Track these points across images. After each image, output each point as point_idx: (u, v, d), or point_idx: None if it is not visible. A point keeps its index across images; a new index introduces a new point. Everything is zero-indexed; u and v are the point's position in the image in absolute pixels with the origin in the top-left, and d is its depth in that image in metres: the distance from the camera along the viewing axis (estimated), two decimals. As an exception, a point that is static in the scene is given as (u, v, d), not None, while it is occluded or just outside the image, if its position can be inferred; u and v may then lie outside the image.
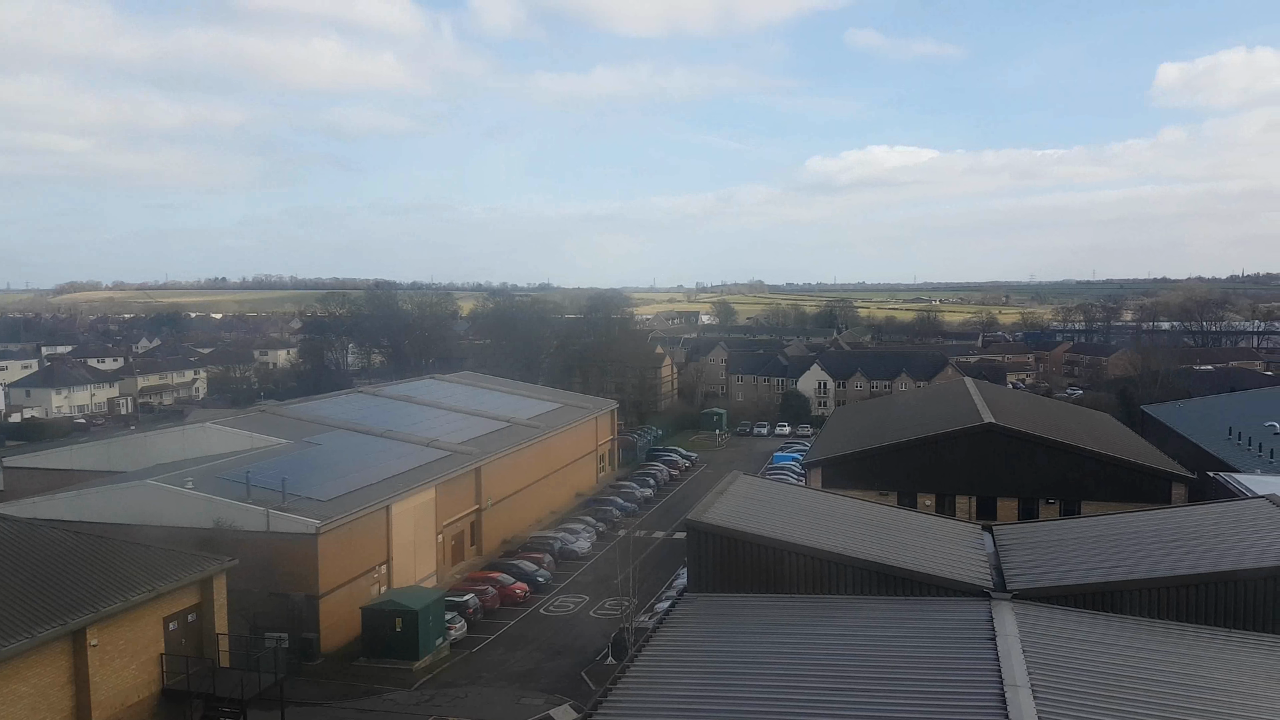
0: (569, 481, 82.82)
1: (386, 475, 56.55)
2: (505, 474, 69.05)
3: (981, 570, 26.91)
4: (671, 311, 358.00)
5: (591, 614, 53.76)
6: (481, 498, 65.57)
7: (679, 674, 22.12)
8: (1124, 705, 18.06)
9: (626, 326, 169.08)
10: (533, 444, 74.56)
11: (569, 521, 71.90)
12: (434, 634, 46.82)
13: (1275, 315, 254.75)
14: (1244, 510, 30.15)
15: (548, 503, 77.18)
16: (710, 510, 29.62)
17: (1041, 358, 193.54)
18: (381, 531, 52.72)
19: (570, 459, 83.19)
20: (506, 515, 69.23)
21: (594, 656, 46.94)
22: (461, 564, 62.72)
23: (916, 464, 54.61)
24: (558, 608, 55.12)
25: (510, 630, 51.34)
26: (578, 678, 44.43)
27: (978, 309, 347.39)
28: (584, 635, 50.23)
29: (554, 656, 47.41)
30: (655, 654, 23.56)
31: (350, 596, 48.98)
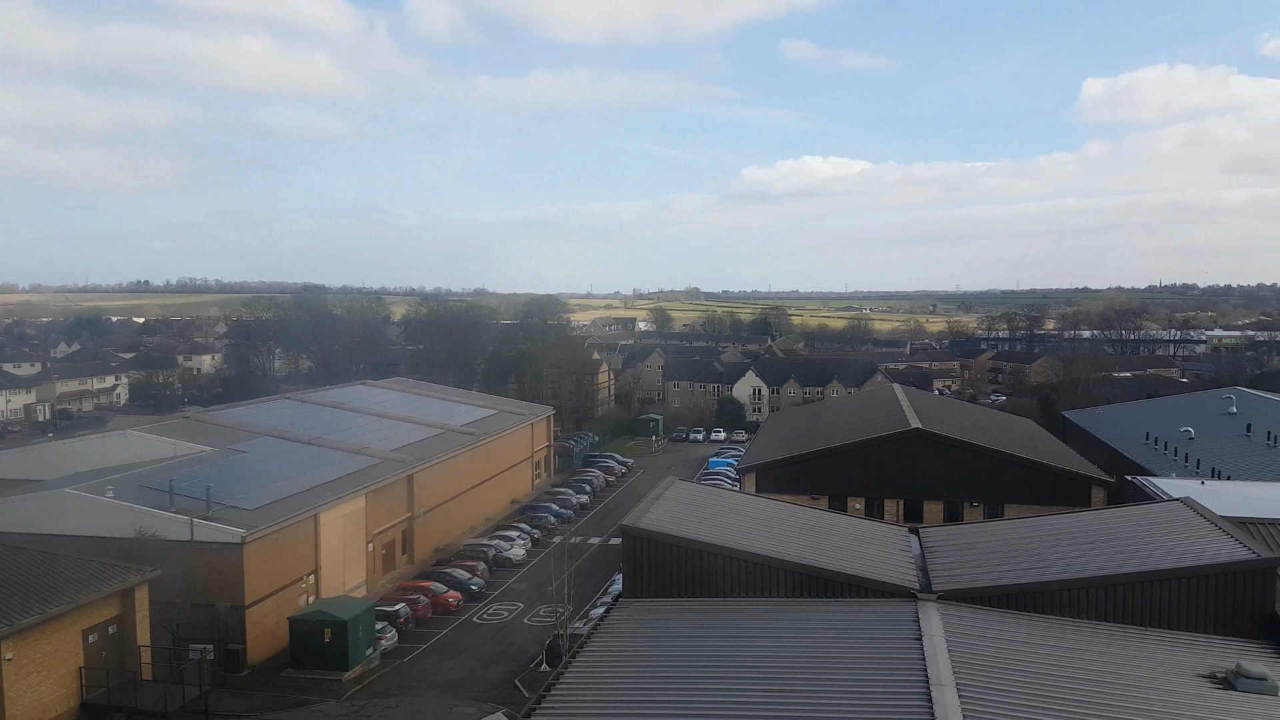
0: (504, 488, 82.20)
1: (315, 483, 55.48)
2: (438, 481, 68.22)
3: (908, 572, 27.44)
4: (608, 318, 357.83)
5: (526, 621, 53.43)
6: (413, 506, 64.68)
7: (613, 679, 22.10)
8: (1045, 702, 18.57)
9: (563, 332, 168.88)
10: (467, 451, 73.84)
11: (504, 529, 71.37)
12: (364, 644, 46.04)
13: (1192, 324, 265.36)
14: (1161, 513, 31.26)
15: (482, 510, 76.49)
16: (646, 516, 29.68)
17: (967, 365, 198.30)
18: (309, 540, 51.69)
19: (505, 465, 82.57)
20: (440, 523, 68.40)
21: (528, 664, 46.65)
22: (393, 573, 61.76)
23: (847, 468, 55.54)
24: (492, 616, 54.64)
25: (443, 639, 50.71)
26: (511, 686, 44.10)
27: (906, 318, 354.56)
28: (518, 643, 49.89)
29: (487, 665, 46.97)
30: (589, 659, 23.50)
31: (278, 607, 47.94)
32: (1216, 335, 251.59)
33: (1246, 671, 20.37)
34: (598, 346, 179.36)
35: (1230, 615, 24.39)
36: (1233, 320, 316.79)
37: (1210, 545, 26.27)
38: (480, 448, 76.41)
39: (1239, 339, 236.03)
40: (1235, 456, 57.53)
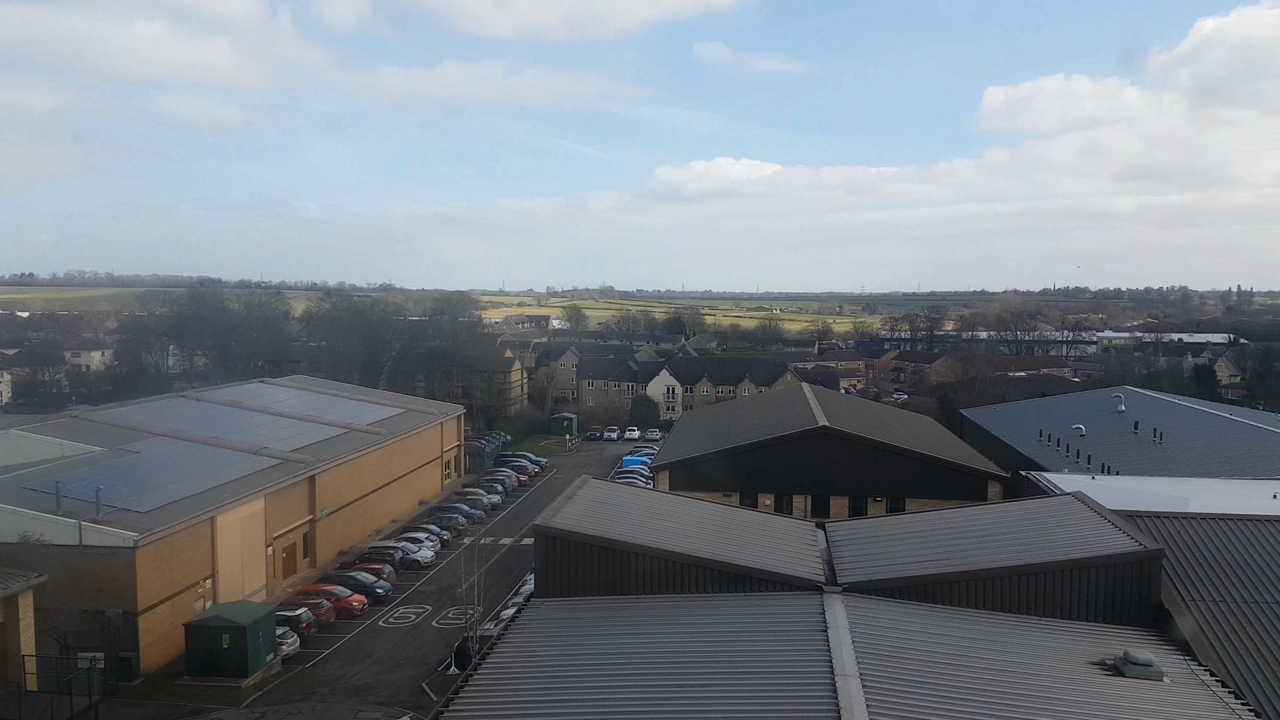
0: (412, 489, 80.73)
1: (211, 485, 53.57)
2: (342, 482, 66.62)
3: (815, 565, 27.90)
4: (521, 315, 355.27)
5: (434, 624, 52.56)
6: (315, 507, 63.01)
7: (524, 680, 21.84)
8: (946, 690, 19.08)
9: (474, 330, 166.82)
10: (372, 451, 72.26)
11: (411, 530, 70.12)
12: (264, 650, 44.65)
13: (1083, 326, 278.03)
14: (1053, 507, 32.49)
15: (389, 511, 75.00)
16: (559, 515, 29.48)
17: (871, 364, 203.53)
18: (206, 544, 49.89)
19: (413, 466, 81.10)
20: (343, 525, 66.81)
21: (436, 667, 45.92)
22: (294, 577, 60.08)
23: (758, 465, 56.35)
24: (398, 619, 53.58)
25: (347, 644, 49.49)
26: (419, 689, 43.32)
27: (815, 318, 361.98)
28: (426, 646, 49.05)
29: (394, 669, 46.03)
30: (500, 661, 23.18)
31: (173, 612, 46.18)
32: (1106, 337, 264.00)
33: (1134, 658, 21.28)
34: (510, 344, 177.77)
35: (1119, 604, 25.48)
36: (1122, 322, 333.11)
37: (1100, 537, 27.40)
38: (386, 447, 74.87)
39: (1128, 340, 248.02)
40: (1123, 453, 60.34)
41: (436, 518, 74.48)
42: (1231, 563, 27.93)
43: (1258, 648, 23.92)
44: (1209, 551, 28.67)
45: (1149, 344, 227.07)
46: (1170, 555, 27.61)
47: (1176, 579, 26.96)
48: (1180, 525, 30.38)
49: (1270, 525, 30.25)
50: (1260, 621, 25.00)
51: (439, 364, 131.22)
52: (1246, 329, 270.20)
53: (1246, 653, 23.76)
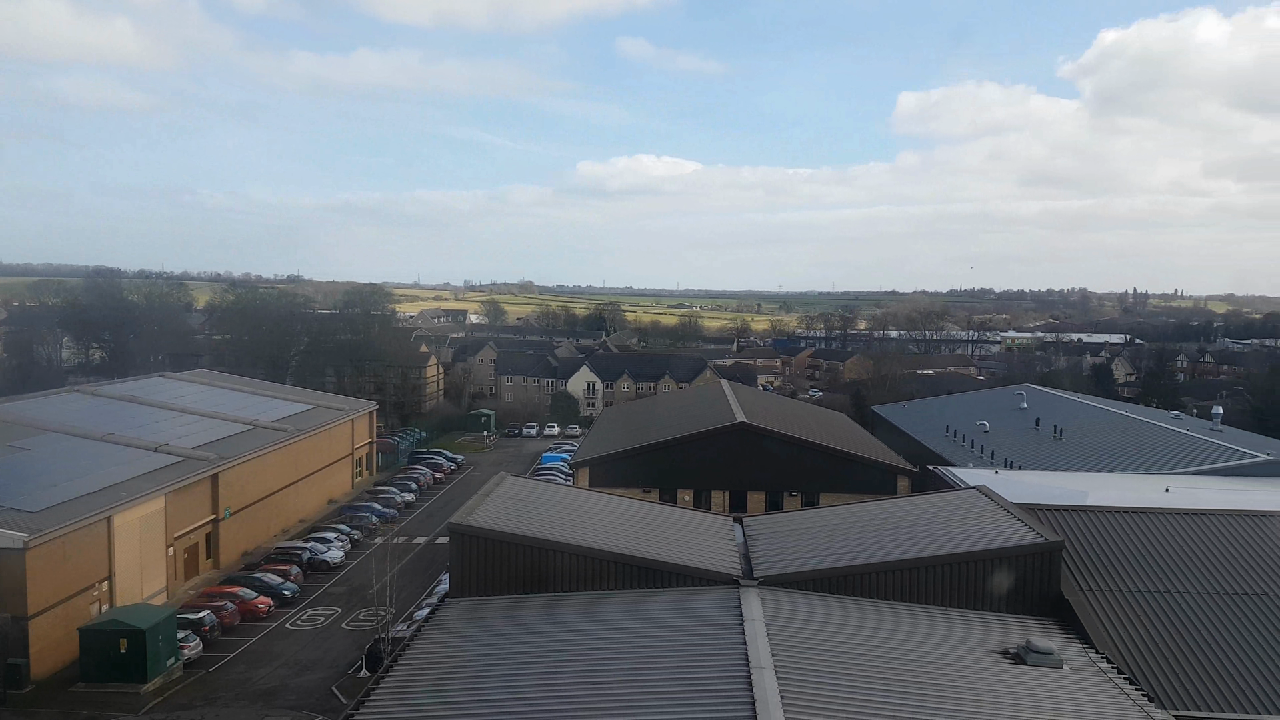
0: (321, 488, 78.72)
1: (108, 483, 51.27)
2: (247, 481, 64.57)
3: (732, 560, 28.11)
4: (438, 310, 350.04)
5: (344, 626, 51.31)
6: (219, 507, 60.93)
7: (438, 680, 21.43)
8: (857, 680, 19.41)
9: (388, 324, 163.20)
10: (279, 448, 70.19)
11: (320, 530, 68.34)
12: (164, 654, 42.95)
13: (988, 326, 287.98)
14: (959, 500, 33.43)
15: (296, 511, 73.00)
16: (475, 513, 29.05)
17: (788, 362, 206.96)
18: (102, 545, 47.73)
19: (322, 464, 79.08)
20: (249, 525, 64.76)
21: (347, 670, 44.84)
22: (196, 578, 58.00)
23: (677, 461, 56.69)
24: (306, 621, 52.15)
25: (252, 647, 47.95)
26: (328, 693, 42.23)
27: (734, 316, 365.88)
28: (335, 649, 47.85)
29: (301, 672, 44.78)
30: (413, 662, 22.71)
31: (66, 616, 44.09)
32: (1010, 337, 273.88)
33: (1035, 647, 22.00)
34: (426, 339, 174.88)
35: (1021, 595, 26.34)
36: (1024, 323, 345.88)
37: (1003, 530, 28.29)
38: (294, 445, 72.84)
39: (1030, 340, 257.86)
40: (1025, 448, 62.55)
41: (347, 517, 72.80)
42: (1126, 554, 29.16)
43: (1151, 635, 25.01)
44: (1105, 543, 29.87)
45: (1050, 344, 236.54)
46: (1069, 547, 28.67)
47: (1075, 569, 28.00)
48: (1078, 518, 31.57)
49: (1162, 517, 31.68)
50: (1153, 610, 26.14)
51: (350, 359, 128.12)
52: (1141, 330, 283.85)
53: (1140, 640, 24.82)
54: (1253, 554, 28.94)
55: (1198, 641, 24.60)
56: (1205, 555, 28.89)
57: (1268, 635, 24.77)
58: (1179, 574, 27.84)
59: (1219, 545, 29.49)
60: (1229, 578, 27.59)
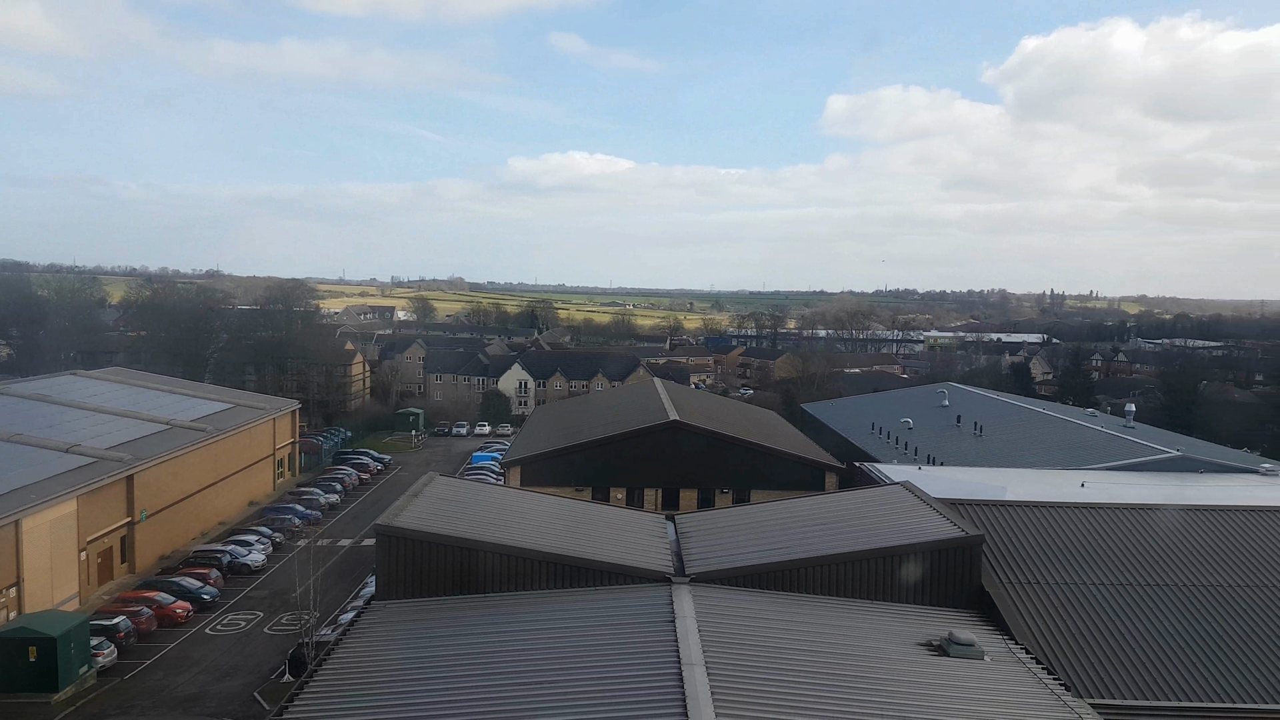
0: (241, 489, 76.69)
1: (15, 485, 49.14)
2: (164, 482, 62.55)
3: (664, 557, 28.19)
4: (364, 306, 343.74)
5: (266, 631, 50.06)
6: (134, 509, 58.90)
7: (364, 683, 21.02)
8: (787, 674, 19.63)
9: (311, 320, 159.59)
10: (197, 448, 68.16)
11: (241, 533, 66.54)
12: (77, 662, 41.34)
13: (912, 326, 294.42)
14: (884, 495, 34.08)
15: (216, 513, 71.01)
16: (402, 514, 28.58)
17: (720, 360, 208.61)
18: (10, 549, 45.76)
19: (243, 464, 77.03)
20: (166, 528, 62.76)
21: (270, 675, 43.74)
22: (111, 583, 55.96)
23: (610, 460, 56.65)
24: (227, 626, 50.75)
25: (170, 654, 46.47)
26: (250, 699, 41.14)
27: (666, 314, 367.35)
28: (258, 654, 46.65)
29: (222, 678, 43.55)
30: (338, 666, 22.24)
31: (-33, 627, 42.00)
32: (932, 336, 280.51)
33: (957, 639, 22.54)
34: (351, 336, 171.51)
35: (944, 587, 26.97)
36: (947, 323, 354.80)
37: (926, 524, 28.92)
38: (213, 445, 70.80)
39: (951, 340, 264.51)
40: (947, 444, 64.11)
41: (268, 519, 71.02)
42: (1043, 547, 30.08)
43: (1067, 626, 25.83)
44: (1024, 537, 30.77)
45: (970, 343, 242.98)
46: (989, 540, 29.45)
47: (995, 563, 28.77)
48: (998, 512, 32.46)
49: (1078, 511, 32.77)
50: (1069, 601, 27.01)
51: (271, 356, 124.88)
52: (1058, 330, 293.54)
53: (1057, 631, 25.62)
54: (1162, 546, 30.11)
55: (1111, 632, 25.50)
56: (1118, 548, 29.96)
57: (1175, 625, 25.81)
58: (1093, 566, 28.82)
59: (1131, 538, 30.62)
60: (1140, 569, 28.66)
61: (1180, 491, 43.19)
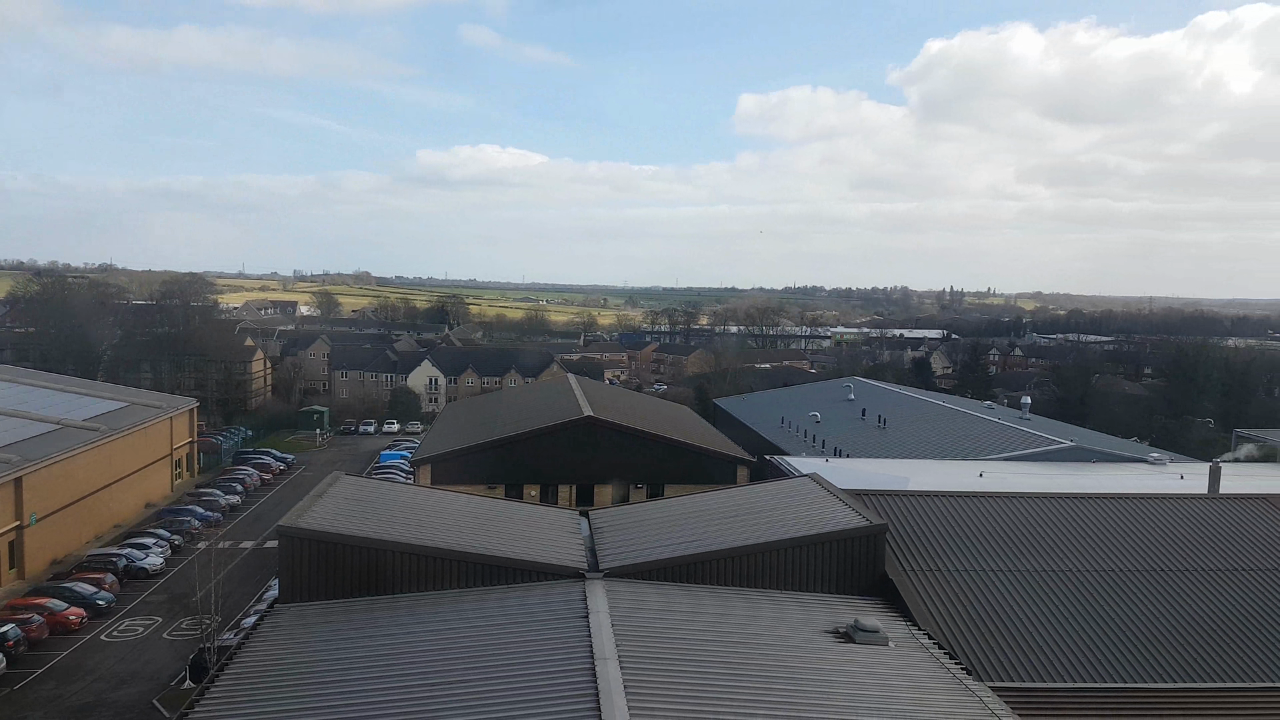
0: (137, 491, 73.77)
1: (-112, 491, 46.25)
2: (55, 484, 59.75)
3: (578, 553, 28.23)
4: (265, 301, 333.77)
5: (165, 636, 48.35)
6: (23, 513, 56.10)
7: (267, 689, 20.49)
8: (698, 665, 19.92)
9: (210, 316, 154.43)
10: (90, 449, 65.28)
11: (138, 535, 64.06)
12: (-44, 678, 39.17)
13: (819, 322, 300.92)
14: (793, 487, 34.80)
15: (111, 515, 68.17)
16: (307, 514, 27.91)
17: (634, 356, 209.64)
18: (-120, 560, 42.98)
19: (138, 465, 74.09)
20: (58, 531, 59.97)
21: (169, 682, 42.30)
22: (-3, 591, 53.23)
23: (524, 456, 56.32)
24: (124, 632, 48.83)
25: (63, 661, 44.49)
26: (149, 707, 39.73)
27: (580, 310, 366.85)
28: (156, 660, 45.03)
29: (119, 686, 41.91)
30: (240, 671, 21.62)
31: None
32: (839, 332, 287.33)
33: (862, 625, 23.20)
34: (252, 332, 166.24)
35: (849, 576, 27.72)
36: (852, 319, 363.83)
37: (833, 515, 29.67)
38: (107, 445, 67.90)
39: (857, 335, 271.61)
40: (853, 437, 65.79)
41: (166, 521, 68.54)
42: (944, 535, 31.17)
43: (967, 611, 26.84)
44: (925, 525, 31.82)
45: (875, 339, 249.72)
46: (893, 529, 30.36)
47: (898, 551, 29.70)
48: (901, 502, 33.49)
49: (976, 500, 34.05)
50: (968, 587, 28.07)
51: (168, 353, 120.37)
52: (957, 326, 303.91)
53: (958, 616, 26.60)
54: (1057, 533, 31.54)
55: (1009, 616, 26.60)
56: (1015, 535, 31.25)
57: (1069, 609, 27.07)
58: (991, 553, 30.01)
59: (1027, 526, 31.98)
60: (1036, 556, 29.96)
61: (1074, 480, 45.32)
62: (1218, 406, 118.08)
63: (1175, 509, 33.84)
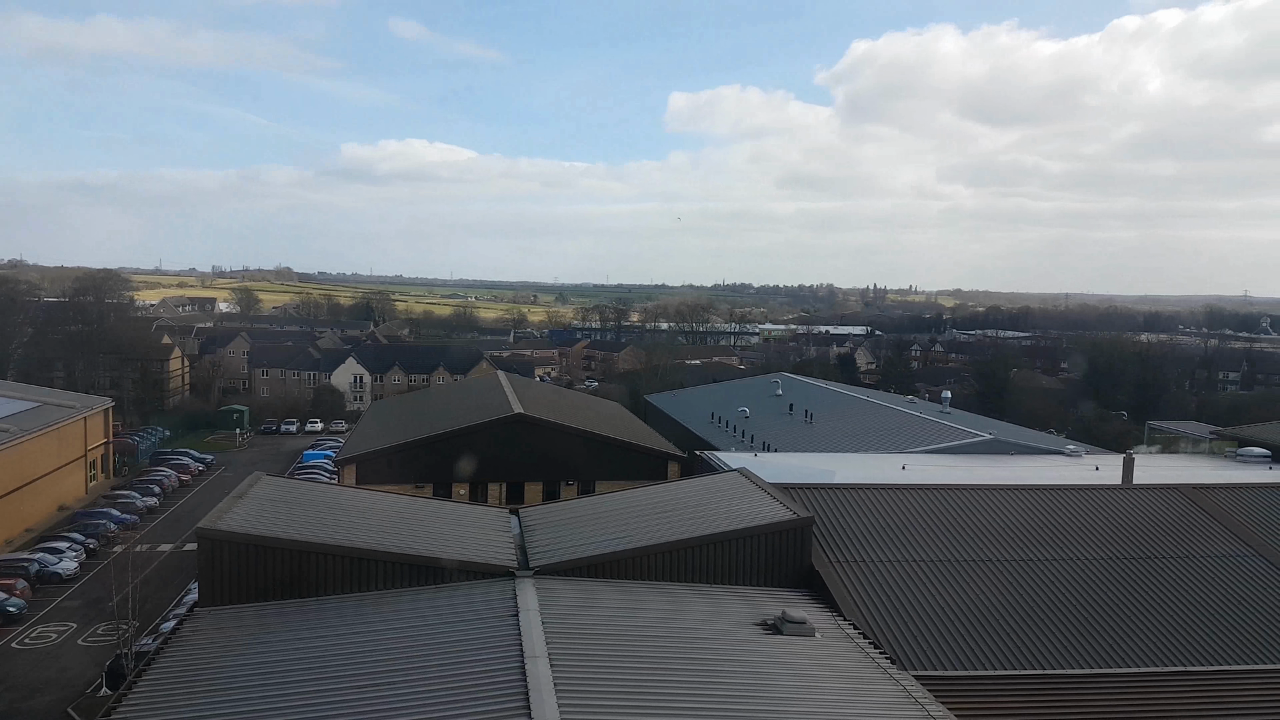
0: (49, 493, 71.05)
1: None
2: (-40, 488, 57.19)
3: (507, 551, 28.06)
4: (183, 297, 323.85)
5: (80, 643, 46.75)
6: (-75, 518, 53.55)
7: (187, 694, 19.93)
8: (628, 660, 20.01)
9: (125, 313, 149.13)
10: (0, 450, 62.71)
11: (50, 540, 61.78)
12: None
13: (748, 319, 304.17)
14: (722, 482, 35.11)
15: (22, 519, 65.57)
16: (227, 515, 27.17)
17: (564, 353, 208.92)
18: None
19: (51, 467, 71.34)
20: (-38, 537, 57.40)
21: (85, 689, 40.98)
22: (-107, 602, 50.64)
23: (452, 455, 55.67)
24: (36, 640, 47.09)
25: (-32, 674, 42.64)
26: (64, 715, 38.44)
27: (510, 307, 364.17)
28: (71, 668, 43.53)
29: (32, 695, 40.41)
30: (159, 677, 20.99)
31: None
32: (767, 329, 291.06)
33: (790, 617, 23.56)
34: (169, 329, 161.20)
35: (777, 568, 28.11)
36: (780, 316, 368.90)
37: (761, 508, 30.04)
38: (17, 446, 65.24)
39: (784, 332, 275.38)
40: (781, 431, 66.69)
41: (80, 525, 66.12)
42: (869, 526, 31.81)
43: (891, 601, 27.46)
44: (851, 517, 32.44)
45: (802, 335, 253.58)
46: (819, 522, 30.89)
47: (824, 543, 30.23)
48: (827, 495, 34.08)
49: (900, 492, 34.82)
50: (892, 578, 28.71)
51: (82, 351, 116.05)
52: (881, 322, 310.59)
53: (882, 605, 27.20)
54: (977, 523, 32.44)
55: (931, 606, 27.28)
56: (937, 526, 32.05)
57: (990, 597, 27.89)
58: (914, 544, 30.74)
59: (948, 517, 32.82)
60: (957, 546, 30.78)
61: (993, 472, 46.72)
62: (1131, 400, 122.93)
63: (1091, 499, 35.10)
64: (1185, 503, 35.00)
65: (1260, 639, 26.65)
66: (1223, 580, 29.64)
